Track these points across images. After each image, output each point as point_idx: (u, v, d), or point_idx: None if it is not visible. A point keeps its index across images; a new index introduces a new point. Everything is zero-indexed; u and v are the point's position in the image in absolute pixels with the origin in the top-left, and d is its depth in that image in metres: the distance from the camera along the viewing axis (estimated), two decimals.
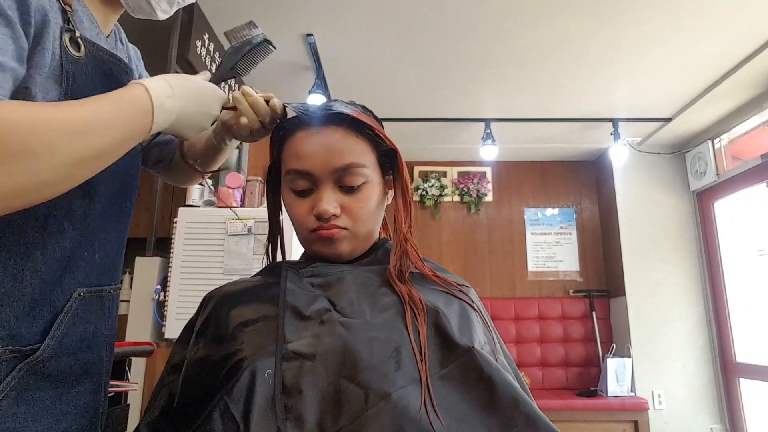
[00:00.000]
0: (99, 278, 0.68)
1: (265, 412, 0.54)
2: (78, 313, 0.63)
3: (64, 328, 0.61)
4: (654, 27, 2.35)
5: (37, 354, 0.58)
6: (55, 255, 0.60)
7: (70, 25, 0.61)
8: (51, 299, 0.60)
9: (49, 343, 0.59)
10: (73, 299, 0.63)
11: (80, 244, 0.64)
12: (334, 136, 0.69)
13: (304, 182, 0.70)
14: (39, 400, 0.58)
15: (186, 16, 2.19)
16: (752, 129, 3.16)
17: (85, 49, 0.63)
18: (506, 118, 3.34)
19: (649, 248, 3.63)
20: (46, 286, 0.60)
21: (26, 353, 0.57)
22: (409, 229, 0.72)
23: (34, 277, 0.58)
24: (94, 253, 0.67)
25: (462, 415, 0.55)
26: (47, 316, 0.60)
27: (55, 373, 0.60)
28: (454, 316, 0.64)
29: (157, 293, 2.00)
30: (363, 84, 2.95)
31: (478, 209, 4.07)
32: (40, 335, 0.59)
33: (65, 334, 0.61)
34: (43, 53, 0.57)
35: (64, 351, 0.61)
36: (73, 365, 0.63)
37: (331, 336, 0.59)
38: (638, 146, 3.74)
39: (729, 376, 3.35)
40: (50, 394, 0.59)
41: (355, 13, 2.27)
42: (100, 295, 0.68)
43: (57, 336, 0.60)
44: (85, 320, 0.65)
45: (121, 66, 0.70)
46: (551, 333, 3.78)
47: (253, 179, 2.17)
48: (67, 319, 0.62)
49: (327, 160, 0.68)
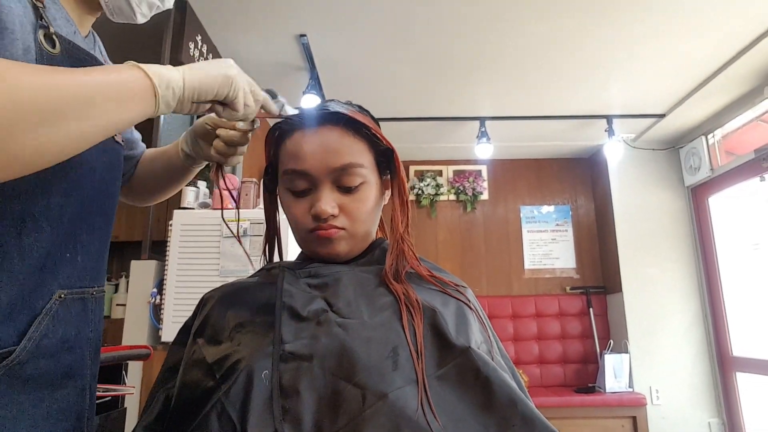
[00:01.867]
0: (81, 280, 0.66)
1: (262, 414, 0.54)
2: (58, 315, 0.61)
3: (42, 330, 0.59)
4: (647, 24, 2.35)
5: (12, 356, 0.55)
6: (33, 255, 0.58)
7: (44, 22, 0.59)
8: (30, 301, 0.58)
9: (25, 345, 0.57)
10: (53, 301, 0.61)
11: (61, 244, 0.62)
12: (331, 136, 0.69)
13: (302, 182, 0.70)
14: (17, 403, 0.56)
15: (179, 17, 2.18)
16: (745, 124, 3.17)
17: (61, 47, 0.61)
18: (501, 117, 3.34)
19: (645, 244, 3.65)
20: (25, 288, 0.58)
21: (1, 356, 0.55)
22: (406, 229, 0.72)
23: (11, 279, 0.56)
24: (76, 255, 0.65)
25: (459, 415, 0.55)
26: (25, 318, 0.58)
27: (34, 376, 0.58)
28: (451, 316, 0.64)
29: (153, 296, 1.99)
30: (357, 84, 2.95)
31: (474, 208, 4.08)
32: (17, 338, 0.56)
33: (44, 336, 0.59)
34: (13, 43, 0.54)
35: (43, 353, 0.59)
36: (54, 368, 0.61)
37: (328, 337, 0.58)
38: (633, 142, 3.76)
39: (726, 370, 3.36)
40: (30, 397, 0.58)
41: (349, 14, 2.27)
42: (82, 297, 0.66)
43: (35, 338, 0.58)
44: (66, 322, 0.63)
45: (99, 66, 0.68)
46: (548, 330, 3.79)
47: (248, 181, 2.17)
48: (46, 321, 0.59)
49: (325, 160, 0.68)
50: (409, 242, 0.71)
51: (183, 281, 1.97)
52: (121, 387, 1.16)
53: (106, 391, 1.05)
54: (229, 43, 2.52)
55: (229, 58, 0.67)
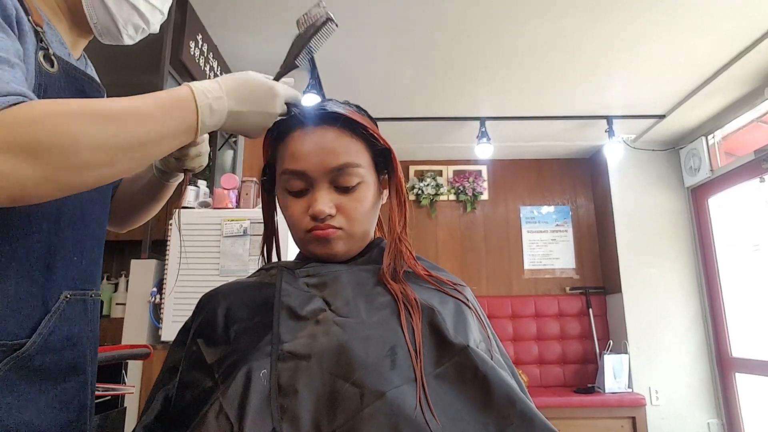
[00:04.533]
0: (83, 282, 0.71)
1: (260, 413, 0.54)
2: (65, 314, 0.67)
3: (51, 327, 0.64)
4: (647, 24, 2.35)
5: (22, 350, 0.61)
6: (37, 254, 0.63)
7: (43, 44, 0.64)
8: (42, 299, 0.64)
9: (35, 340, 0.62)
10: (60, 300, 0.66)
11: (67, 247, 0.68)
12: (328, 136, 0.69)
13: (300, 182, 0.70)
14: (24, 393, 0.61)
15: (179, 16, 2.18)
16: (745, 125, 3.18)
17: (58, 66, 0.65)
18: (501, 117, 3.35)
19: (645, 245, 3.65)
20: (34, 286, 0.63)
21: (12, 348, 0.60)
22: (404, 228, 0.72)
23: (19, 274, 0.61)
24: (81, 258, 0.71)
25: (457, 413, 0.55)
26: (36, 315, 0.63)
27: (41, 368, 0.63)
28: (449, 314, 0.64)
29: (153, 296, 1.99)
30: (358, 84, 2.95)
31: (474, 208, 4.08)
32: (29, 332, 0.62)
33: (51, 332, 0.64)
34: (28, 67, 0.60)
35: (50, 348, 0.64)
36: (59, 362, 0.66)
37: (327, 336, 0.59)
38: (633, 143, 3.76)
39: (725, 371, 3.36)
40: (36, 387, 0.62)
41: (349, 14, 2.27)
42: (83, 298, 0.71)
43: (44, 334, 0.63)
44: (70, 321, 0.68)
45: (94, 85, 0.73)
46: (548, 330, 3.79)
47: (248, 180, 2.17)
48: (54, 319, 0.65)
49: (322, 160, 0.68)
50: (406, 242, 0.71)
51: (183, 280, 1.97)
52: (120, 386, 1.16)
53: (106, 390, 1.06)
54: (229, 42, 2.52)
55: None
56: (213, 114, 0.62)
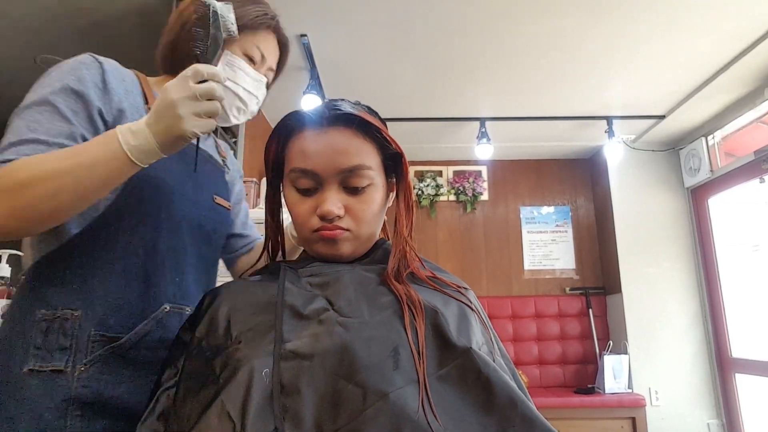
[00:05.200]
0: (182, 299, 0.86)
1: (261, 412, 0.53)
2: (162, 322, 0.81)
3: (147, 329, 0.79)
4: (647, 24, 2.36)
5: (119, 342, 0.76)
6: (137, 273, 0.80)
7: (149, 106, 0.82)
8: (141, 307, 0.79)
9: (131, 337, 0.77)
10: (160, 309, 0.81)
11: (166, 269, 0.83)
12: (341, 136, 0.69)
13: (309, 181, 0.69)
14: (120, 374, 0.76)
15: None
16: (745, 125, 3.18)
17: None
18: (501, 117, 3.34)
19: (645, 245, 3.65)
20: (132, 296, 0.79)
21: (111, 339, 0.76)
22: (410, 233, 0.72)
23: (118, 288, 0.78)
24: (182, 281, 0.86)
25: (460, 415, 0.55)
26: (134, 319, 0.78)
27: (136, 359, 0.78)
28: (453, 316, 0.64)
29: None
30: (358, 84, 2.95)
31: (474, 208, 4.08)
32: (127, 330, 0.77)
33: (147, 333, 0.79)
34: None
35: (145, 345, 0.79)
36: (153, 358, 0.78)
37: (329, 335, 0.58)
38: (632, 143, 3.76)
39: (725, 372, 3.37)
40: (130, 372, 0.77)
41: (349, 14, 2.27)
42: (180, 312, 0.85)
43: (139, 333, 0.78)
44: (167, 328, 0.81)
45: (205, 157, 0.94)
46: (548, 331, 3.79)
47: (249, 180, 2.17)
48: (151, 324, 0.79)
49: (333, 160, 0.68)
50: (412, 246, 0.71)
51: None
52: None
53: None
54: None
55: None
56: (135, 134, 0.68)
